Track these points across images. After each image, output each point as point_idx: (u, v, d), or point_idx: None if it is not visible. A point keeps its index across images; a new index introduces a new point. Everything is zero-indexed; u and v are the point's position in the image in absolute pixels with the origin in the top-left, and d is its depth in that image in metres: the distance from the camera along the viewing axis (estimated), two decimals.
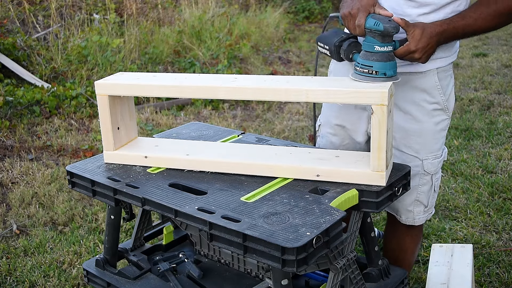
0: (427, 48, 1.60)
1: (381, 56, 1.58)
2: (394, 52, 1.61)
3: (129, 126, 1.91)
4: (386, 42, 1.58)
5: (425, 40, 1.59)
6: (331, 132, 1.98)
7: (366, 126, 1.89)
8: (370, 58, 1.59)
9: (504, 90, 5.43)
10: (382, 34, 1.56)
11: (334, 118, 1.96)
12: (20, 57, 5.51)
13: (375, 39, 1.58)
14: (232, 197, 1.56)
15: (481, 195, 3.19)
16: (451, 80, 1.84)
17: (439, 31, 1.61)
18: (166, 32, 6.61)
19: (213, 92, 1.69)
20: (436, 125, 1.82)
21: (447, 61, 1.79)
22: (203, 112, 5.05)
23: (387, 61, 1.59)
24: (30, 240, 2.85)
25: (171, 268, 1.93)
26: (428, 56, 1.64)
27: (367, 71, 1.59)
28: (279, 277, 1.47)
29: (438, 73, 1.78)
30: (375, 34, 1.57)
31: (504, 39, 8.20)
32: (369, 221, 1.75)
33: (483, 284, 2.40)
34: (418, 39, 1.58)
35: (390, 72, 1.59)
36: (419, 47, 1.59)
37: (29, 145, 4.14)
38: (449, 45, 1.76)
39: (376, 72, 1.58)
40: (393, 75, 1.60)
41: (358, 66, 1.62)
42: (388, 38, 1.58)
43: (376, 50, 1.58)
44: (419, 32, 1.59)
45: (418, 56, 1.61)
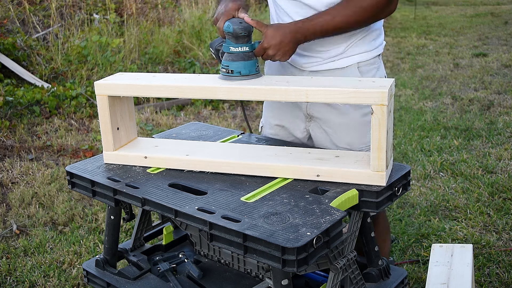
0: (281, 45, 1.66)
1: (236, 56, 1.68)
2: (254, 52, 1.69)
3: (129, 126, 1.91)
4: (240, 42, 1.68)
5: (278, 38, 1.65)
6: (272, 133, 2.04)
7: (304, 124, 1.95)
8: (228, 58, 1.70)
9: (504, 90, 5.43)
10: (233, 35, 1.67)
11: (273, 118, 2.02)
12: (20, 57, 5.51)
13: (230, 40, 1.69)
14: (232, 197, 1.56)
15: (481, 195, 3.19)
16: (378, 73, 1.87)
17: (294, 28, 1.67)
18: (166, 32, 6.61)
19: (213, 92, 1.69)
20: (363, 117, 1.84)
21: (369, 55, 1.83)
22: (203, 112, 5.05)
23: (243, 60, 1.68)
24: (30, 240, 2.85)
25: (171, 268, 1.93)
26: (285, 53, 1.68)
27: (225, 70, 1.70)
28: (279, 277, 1.46)
29: (360, 67, 1.83)
30: (229, 36, 1.68)
31: (504, 39, 8.20)
32: (369, 221, 1.75)
33: (483, 284, 2.40)
34: (271, 37, 1.66)
35: (245, 71, 1.68)
36: (272, 44, 1.65)
37: (29, 145, 4.14)
38: (368, 39, 1.81)
39: (232, 71, 1.69)
40: (250, 73, 1.69)
41: (221, 67, 1.72)
42: (242, 39, 1.67)
43: (231, 50, 1.69)
44: (271, 31, 1.66)
45: (272, 52, 1.67)
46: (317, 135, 1.93)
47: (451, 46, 7.87)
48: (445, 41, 8.28)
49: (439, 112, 4.85)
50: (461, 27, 9.57)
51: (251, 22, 1.68)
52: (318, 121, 1.91)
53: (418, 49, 7.82)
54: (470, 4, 12.81)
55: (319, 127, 1.91)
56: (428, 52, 7.58)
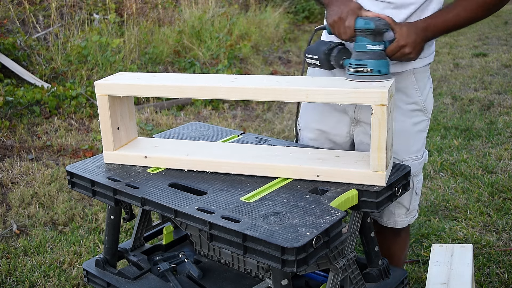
0: (416, 43, 1.63)
1: (374, 55, 1.61)
2: (385, 51, 1.64)
3: (129, 126, 1.91)
4: (377, 40, 1.62)
5: (413, 35, 1.62)
6: (311, 137, 1.99)
7: (348, 129, 1.91)
8: (363, 57, 1.62)
9: (504, 90, 5.43)
10: (373, 32, 1.60)
11: (314, 122, 1.97)
12: (20, 57, 5.51)
13: (366, 38, 1.61)
14: (232, 197, 1.56)
15: (481, 195, 3.19)
16: (429, 82, 1.86)
17: (424, 26, 1.65)
18: (166, 32, 6.61)
19: (213, 92, 1.69)
20: (414, 126, 1.83)
21: (423, 62, 1.81)
22: (203, 112, 5.05)
23: (381, 59, 1.62)
24: (30, 240, 2.85)
25: (171, 268, 1.93)
26: (418, 52, 1.66)
27: (362, 69, 1.61)
28: (279, 277, 1.47)
29: (415, 74, 1.80)
30: (367, 34, 1.61)
31: (504, 39, 8.20)
32: (369, 221, 1.75)
33: (483, 284, 2.40)
34: (406, 34, 1.62)
35: (385, 69, 1.62)
36: (409, 42, 1.62)
37: (29, 145, 4.14)
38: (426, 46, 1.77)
39: (371, 70, 1.61)
40: (387, 73, 1.63)
41: (352, 67, 1.64)
42: (379, 36, 1.62)
43: (369, 48, 1.61)
44: (406, 28, 1.63)
45: (408, 50, 1.63)
46: (362, 141, 1.88)
47: (451, 46, 7.87)
48: (445, 41, 8.28)
49: (439, 112, 4.85)
50: None
51: (388, 19, 1.63)
52: (364, 126, 1.85)
53: None
54: None
55: (364, 133, 1.86)
56: None
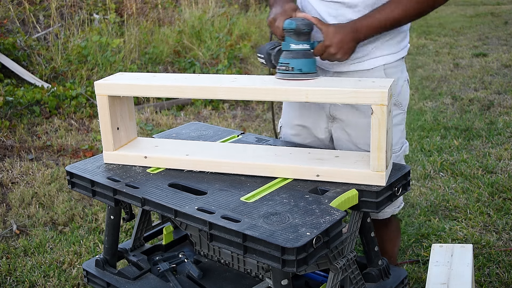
0: (343, 43, 1.65)
1: (297, 54, 1.67)
2: (313, 51, 1.68)
3: (128, 126, 1.91)
4: (301, 40, 1.66)
5: (339, 36, 1.64)
6: (293, 133, 2.02)
7: (326, 124, 1.94)
8: (288, 56, 1.68)
9: (504, 90, 5.43)
10: (295, 32, 1.66)
11: (295, 118, 2.00)
12: (20, 57, 5.51)
13: (291, 38, 1.67)
14: (232, 197, 1.56)
15: (481, 195, 3.19)
16: (402, 75, 1.87)
17: (353, 26, 1.66)
18: (166, 32, 6.61)
19: (213, 92, 1.69)
20: None
21: (394, 57, 1.82)
22: (203, 112, 5.05)
23: (303, 58, 1.66)
24: (30, 240, 2.85)
25: (171, 268, 1.93)
26: (346, 52, 1.67)
27: (285, 68, 1.68)
28: (279, 277, 1.46)
29: (386, 69, 1.82)
30: (291, 33, 1.67)
31: (504, 39, 8.20)
32: (369, 221, 1.75)
33: (483, 284, 2.40)
34: (332, 34, 1.65)
35: (306, 68, 1.66)
36: (334, 42, 1.64)
37: (29, 145, 4.14)
38: (395, 41, 1.80)
39: (292, 68, 1.67)
40: (310, 71, 1.67)
41: (279, 65, 1.70)
42: (303, 36, 1.66)
43: (292, 48, 1.67)
44: (332, 29, 1.65)
45: (333, 51, 1.65)
46: (339, 136, 1.91)
47: (451, 46, 7.87)
48: (445, 41, 8.28)
49: (439, 112, 4.85)
50: (461, 27, 9.57)
51: (313, 20, 1.67)
52: (340, 123, 1.89)
53: (418, 49, 7.82)
54: (470, 4, 12.81)
55: (341, 129, 1.89)
56: (428, 52, 7.58)
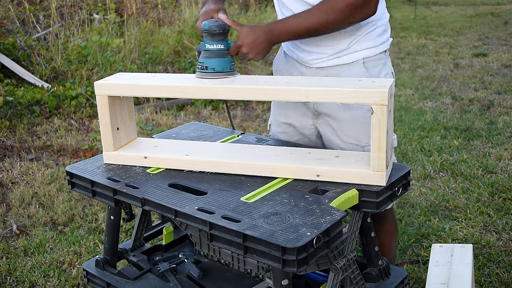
0: (254, 44, 1.70)
1: (212, 54, 1.74)
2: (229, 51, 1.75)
3: (128, 126, 1.91)
4: (215, 40, 1.74)
5: (251, 37, 1.70)
6: (280, 131, 2.05)
7: (312, 121, 1.96)
8: (203, 55, 1.75)
9: (504, 90, 5.43)
10: (208, 32, 1.73)
11: (281, 116, 2.03)
12: (20, 57, 5.51)
13: (206, 38, 1.75)
14: (232, 197, 1.56)
15: (481, 195, 3.19)
16: (384, 68, 1.88)
17: (268, 29, 1.71)
18: (166, 32, 6.61)
19: (212, 92, 1.69)
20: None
21: (374, 51, 1.84)
22: (203, 112, 5.05)
23: (217, 57, 1.73)
24: (30, 240, 2.85)
25: (171, 268, 1.93)
26: (258, 52, 1.72)
27: (200, 67, 1.75)
28: (280, 277, 1.46)
29: (365, 62, 1.84)
30: (206, 34, 1.74)
31: (504, 39, 8.20)
32: (369, 221, 1.75)
33: (483, 284, 2.40)
34: (245, 35, 1.71)
35: (219, 67, 1.73)
36: (245, 42, 1.70)
37: (29, 145, 4.14)
38: (373, 35, 1.83)
39: (206, 67, 1.74)
40: (224, 70, 1.74)
41: (197, 64, 1.77)
42: (218, 36, 1.73)
43: (207, 48, 1.75)
44: (246, 29, 1.71)
45: (245, 50, 1.71)
46: (325, 131, 1.94)
47: (451, 46, 7.87)
48: (445, 41, 8.28)
49: (439, 112, 4.85)
50: (461, 27, 9.57)
51: (227, 21, 1.74)
52: (325, 117, 1.92)
53: (418, 49, 7.82)
54: (470, 4, 12.81)
55: (326, 124, 1.92)
56: (428, 52, 7.58)
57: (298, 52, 1.91)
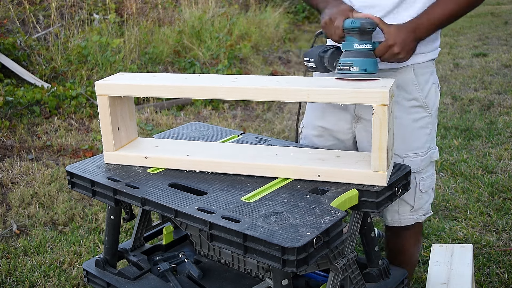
0: (405, 43, 1.63)
1: (361, 53, 1.64)
2: (374, 52, 1.66)
3: (129, 126, 1.91)
4: (364, 39, 1.64)
5: (402, 35, 1.63)
6: (314, 134, 2.00)
7: (349, 125, 1.91)
8: (350, 55, 1.65)
9: (504, 90, 5.43)
10: (359, 31, 1.63)
11: (317, 119, 1.98)
12: (20, 57, 5.51)
13: (353, 37, 1.64)
14: (232, 197, 1.56)
15: (481, 195, 3.19)
16: (431, 77, 1.84)
17: (412, 26, 1.65)
18: (166, 32, 6.61)
19: (213, 92, 1.69)
20: (414, 122, 1.82)
21: (425, 57, 1.80)
22: (203, 112, 5.05)
23: (367, 57, 1.64)
24: (30, 240, 2.85)
25: (171, 268, 1.93)
26: (408, 52, 1.66)
27: (347, 68, 1.65)
28: (280, 277, 1.46)
29: (415, 69, 1.79)
30: (353, 32, 1.63)
31: (504, 39, 8.20)
32: (369, 221, 1.75)
33: (483, 284, 2.40)
34: (395, 34, 1.63)
35: (370, 68, 1.64)
36: (397, 41, 1.63)
37: (29, 145, 4.14)
38: (427, 41, 1.77)
39: (357, 68, 1.63)
40: (374, 72, 1.65)
41: (340, 65, 1.67)
42: (366, 35, 1.64)
43: (355, 47, 1.64)
44: (394, 28, 1.64)
45: (397, 50, 1.63)
46: (363, 138, 1.88)
47: (451, 46, 7.87)
48: (445, 41, 8.28)
49: (439, 112, 4.85)
50: (461, 27, 9.57)
51: (376, 19, 1.65)
52: (365, 123, 1.86)
53: None
54: None
55: (365, 130, 1.86)
56: None
57: None
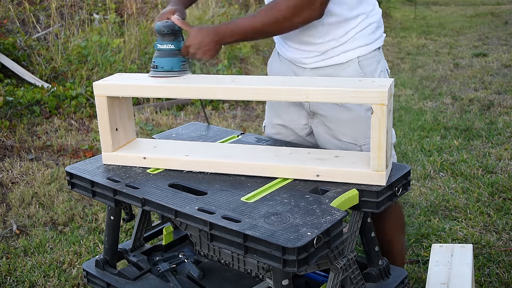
0: (201, 44, 1.75)
1: (162, 53, 1.80)
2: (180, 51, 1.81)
3: (127, 127, 1.91)
4: (166, 40, 1.80)
5: (199, 37, 1.75)
6: (274, 132, 2.06)
7: (306, 121, 1.96)
8: (155, 55, 1.82)
9: (504, 90, 5.43)
10: (158, 33, 1.80)
11: (275, 118, 2.04)
12: (20, 57, 5.51)
13: (158, 38, 1.81)
14: (232, 197, 1.56)
15: (481, 195, 3.19)
16: (379, 65, 1.87)
17: (216, 29, 1.76)
18: None
19: (212, 92, 1.69)
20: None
21: (368, 48, 1.83)
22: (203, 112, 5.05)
23: (167, 57, 1.79)
24: (30, 240, 2.85)
25: (171, 268, 1.93)
26: (205, 52, 1.77)
27: (152, 66, 1.82)
28: (280, 277, 1.46)
29: (360, 61, 1.83)
30: (157, 34, 1.81)
31: (504, 39, 8.20)
32: (369, 221, 1.75)
33: (483, 284, 2.40)
34: (193, 36, 1.76)
35: (168, 67, 1.79)
36: (193, 43, 1.76)
37: (29, 145, 4.14)
38: (367, 33, 1.82)
39: (156, 66, 1.80)
40: (173, 69, 1.80)
41: (151, 64, 1.84)
42: (168, 37, 1.79)
43: (158, 47, 1.81)
44: (195, 30, 1.77)
45: (192, 51, 1.77)
46: (320, 131, 1.93)
47: (451, 46, 7.87)
48: (445, 41, 8.28)
49: (439, 112, 4.85)
50: (461, 27, 9.57)
51: (177, 22, 1.79)
52: (320, 118, 1.91)
53: (418, 49, 7.82)
54: (470, 4, 12.81)
55: (322, 124, 1.92)
56: (428, 52, 7.58)
57: (285, 51, 1.90)
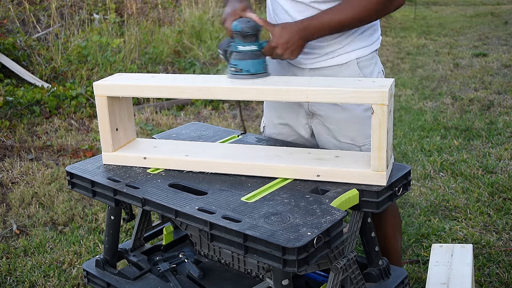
0: (289, 44, 1.67)
1: (245, 55, 1.71)
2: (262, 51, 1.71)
3: (127, 127, 1.91)
4: (248, 41, 1.70)
5: (285, 36, 1.66)
6: (275, 132, 2.05)
7: (306, 121, 1.96)
8: (236, 57, 1.72)
9: (504, 90, 5.43)
10: (241, 34, 1.69)
11: (276, 118, 2.03)
12: (20, 57, 5.51)
13: (238, 39, 1.71)
14: (232, 197, 1.56)
15: (481, 195, 3.19)
16: (376, 68, 1.89)
17: (301, 27, 1.68)
18: (166, 32, 6.61)
19: (212, 92, 1.69)
20: (365, 112, 1.85)
21: (366, 50, 1.84)
22: (203, 112, 5.05)
23: (251, 59, 1.70)
24: (30, 240, 2.85)
25: (171, 268, 1.93)
26: (292, 52, 1.69)
27: (234, 69, 1.72)
28: (280, 277, 1.46)
29: (359, 62, 1.84)
30: (237, 35, 1.70)
31: (504, 39, 8.20)
32: (369, 221, 1.75)
33: (483, 284, 2.40)
34: (278, 35, 1.67)
35: (254, 69, 1.70)
36: (279, 43, 1.67)
37: (29, 145, 4.14)
38: (366, 35, 1.83)
39: (240, 69, 1.71)
40: (258, 72, 1.71)
41: (229, 66, 1.75)
42: (250, 37, 1.70)
43: (239, 49, 1.71)
44: (278, 29, 1.68)
45: (280, 51, 1.68)
46: (320, 131, 1.94)
47: (451, 46, 7.87)
48: (445, 41, 8.28)
49: (439, 112, 4.85)
50: (461, 27, 9.57)
51: (259, 21, 1.70)
52: (320, 118, 1.91)
53: (418, 49, 7.82)
54: (470, 4, 12.81)
55: (321, 124, 1.92)
56: (428, 52, 7.58)
57: None
